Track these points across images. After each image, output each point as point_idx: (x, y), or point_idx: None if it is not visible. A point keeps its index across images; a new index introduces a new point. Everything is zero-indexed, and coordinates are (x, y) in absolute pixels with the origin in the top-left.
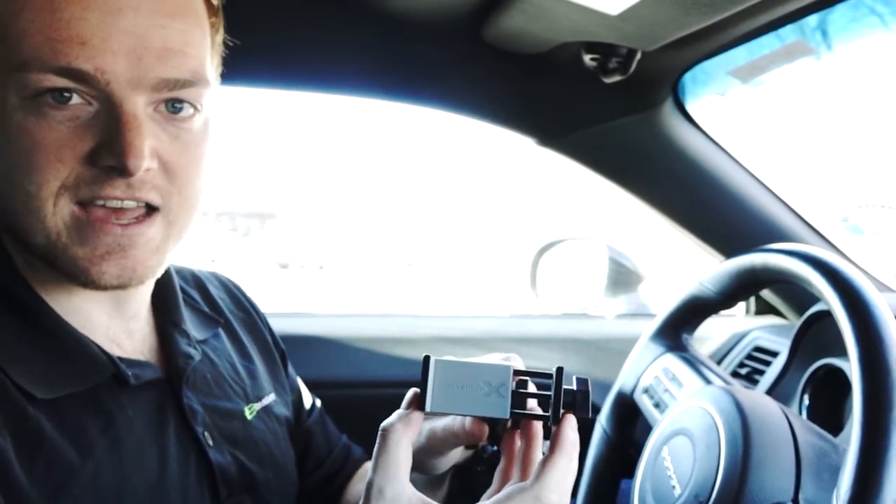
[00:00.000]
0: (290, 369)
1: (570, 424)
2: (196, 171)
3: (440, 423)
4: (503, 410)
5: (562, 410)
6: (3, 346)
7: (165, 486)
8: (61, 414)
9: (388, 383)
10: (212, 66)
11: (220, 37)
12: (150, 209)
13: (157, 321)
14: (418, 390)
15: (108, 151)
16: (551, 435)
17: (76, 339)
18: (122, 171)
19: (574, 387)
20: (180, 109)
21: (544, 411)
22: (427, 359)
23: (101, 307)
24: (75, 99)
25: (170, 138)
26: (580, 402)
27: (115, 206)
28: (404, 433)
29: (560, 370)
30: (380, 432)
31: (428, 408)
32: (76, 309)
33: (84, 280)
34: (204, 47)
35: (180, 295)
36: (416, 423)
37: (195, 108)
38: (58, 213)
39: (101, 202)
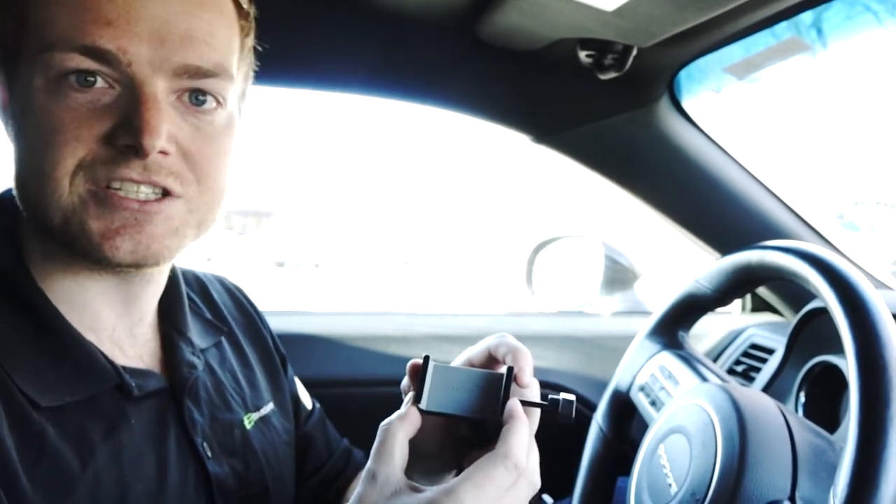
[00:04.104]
0: (290, 373)
1: (515, 403)
2: (218, 165)
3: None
4: (493, 413)
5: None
6: (8, 351)
7: (164, 495)
8: (64, 420)
9: (384, 381)
10: (240, 67)
11: (249, 41)
12: (167, 195)
13: (162, 327)
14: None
15: (126, 130)
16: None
17: (82, 346)
18: (137, 150)
19: (561, 396)
20: (203, 102)
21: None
22: (426, 359)
23: (111, 306)
24: (99, 83)
25: (191, 128)
26: (564, 408)
27: (132, 193)
28: (400, 426)
29: (510, 370)
30: (380, 428)
31: (424, 406)
32: (85, 307)
33: (98, 256)
34: (230, 44)
35: (186, 302)
36: (411, 418)
37: (218, 101)
38: (74, 191)
39: (117, 185)
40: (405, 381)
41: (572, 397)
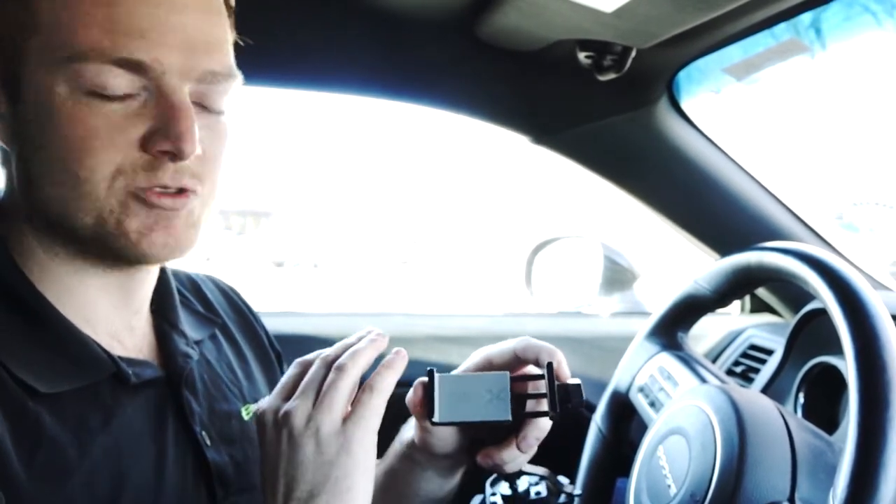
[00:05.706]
0: (286, 369)
1: None
2: (220, 164)
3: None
4: (505, 413)
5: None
6: (3, 341)
7: (163, 484)
8: (62, 408)
9: None
10: None
11: (232, 37)
12: (184, 191)
13: (155, 321)
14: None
15: (163, 137)
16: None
17: (77, 337)
18: (174, 155)
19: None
20: (214, 103)
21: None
22: (431, 373)
23: (109, 298)
24: (127, 89)
25: (206, 130)
26: (574, 395)
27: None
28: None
29: (550, 365)
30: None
31: (436, 418)
32: (82, 301)
33: (134, 253)
34: (231, 45)
35: (177, 296)
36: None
37: (225, 103)
38: (112, 194)
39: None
40: (410, 395)
41: (577, 380)
